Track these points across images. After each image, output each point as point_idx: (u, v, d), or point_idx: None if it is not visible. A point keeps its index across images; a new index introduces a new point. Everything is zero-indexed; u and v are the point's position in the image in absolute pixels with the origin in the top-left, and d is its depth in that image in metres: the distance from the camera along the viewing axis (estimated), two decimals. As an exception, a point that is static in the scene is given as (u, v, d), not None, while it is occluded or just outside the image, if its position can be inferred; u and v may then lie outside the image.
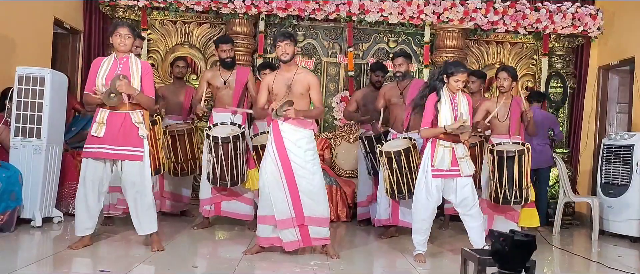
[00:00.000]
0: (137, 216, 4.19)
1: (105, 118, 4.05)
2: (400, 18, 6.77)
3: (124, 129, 4.06)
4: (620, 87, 7.25)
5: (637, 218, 5.77)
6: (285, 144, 4.22)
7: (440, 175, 4.30)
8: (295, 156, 4.22)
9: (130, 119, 4.08)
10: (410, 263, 4.33)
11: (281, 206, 4.22)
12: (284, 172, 4.21)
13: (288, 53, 4.23)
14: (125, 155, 4.08)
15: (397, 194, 4.94)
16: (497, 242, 1.68)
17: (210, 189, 5.19)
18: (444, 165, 4.28)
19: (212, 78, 5.28)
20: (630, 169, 5.93)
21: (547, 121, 6.44)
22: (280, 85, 4.27)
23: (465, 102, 4.37)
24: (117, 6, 6.75)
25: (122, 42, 4.06)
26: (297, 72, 4.31)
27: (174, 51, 7.03)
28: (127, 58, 4.13)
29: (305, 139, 4.26)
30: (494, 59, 7.21)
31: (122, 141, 4.05)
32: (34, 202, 4.78)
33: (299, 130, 4.24)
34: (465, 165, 4.30)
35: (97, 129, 4.04)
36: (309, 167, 4.25)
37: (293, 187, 4.21)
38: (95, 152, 4.06)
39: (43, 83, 4.77)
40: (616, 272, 4.38)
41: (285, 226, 4.23)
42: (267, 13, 6.75)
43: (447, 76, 4.30)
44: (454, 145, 4.30)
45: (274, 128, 4.26)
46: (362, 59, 7.13)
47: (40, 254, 4.09)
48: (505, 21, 6.83)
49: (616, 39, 6.96)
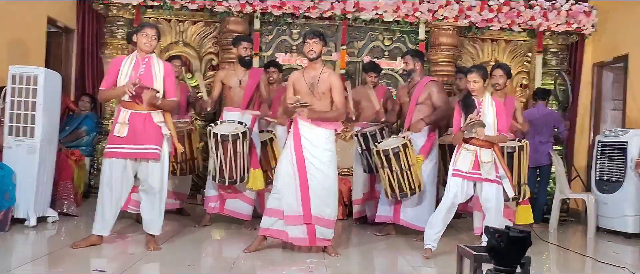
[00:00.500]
0: (149, 215, 4.22)
1: (127, 118, 4.06)
2: (395, 16, 6.77)
3: (146, 129, 4.08)
4: (614, 84, 7.28)
5: (632, 214, 5.80)
6: (302, 142, 4.25)
7: (459, 175, 4.34)
8: (310, 155, 4.24)
9: (151, 119, 4.10)
10: (407, 261, 4.33)
11: (291, 202, 4.25)
12: (298, 170, 4.23)
13: (315, 51, 4.26)
14: (146, 153, 4.08)
15: (399, 192, 4.90)
16: (492, 238, 1.69)
17: (216, 187, 5.19)
18: (464, 167, 4.33)
19: (225, 77, 5.27)
20: (624, 166, 5.96)
21: (552, 118, 6.48)
22: (304, 83, 4.31)
23: (490, 105, 4.38)
24: (111, 4, 6.71)
25: (149, 42, 4.08)
26: (322, 72, 4.33)
27: (169, 50, 7.01)
28: (149, 58, 4.14)
29: (323, 138, 4.27)
30: (489, 56, 7.22)
31: (145, 139, 4.07)
32: (28, 202, 4.75)
33: (315, 129, 4.25)
34: (488, 169, 4.31)
35: (120, 130, 4.05)
36: (324, 169, 4.26)
37: (304, 185, 4.23)
38: (118, 152, 4.08)
39: (36, 82, 4.73)
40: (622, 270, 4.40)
41: (293, 223, 4.26)
42: (262, 11, 6.73)
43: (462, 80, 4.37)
44: (479, 149, 4.32)
45: (294, 125, 4.31)
46: (357, 57, 7.12)
47: (35, 254, 4.07)
48: (500, 19, 6.84)
49: (610, 36, 6.98)
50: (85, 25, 6.98)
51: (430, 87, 5.14)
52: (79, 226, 5.04)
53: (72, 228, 4.95)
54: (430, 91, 5.11)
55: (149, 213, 4.22)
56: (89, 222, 5.02)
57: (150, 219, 4.22)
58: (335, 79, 4.36)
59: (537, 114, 6.41)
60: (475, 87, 4.34)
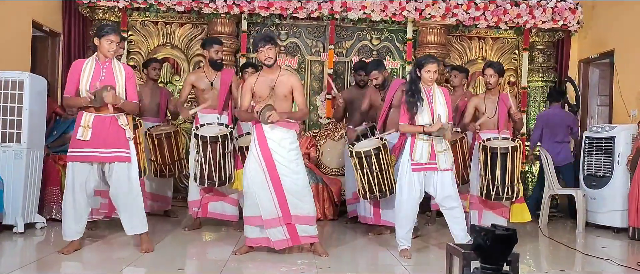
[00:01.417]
0: (128, 217, 4.19)
1: (90, 122, 4.04)
2: (383, 15, 6.79)
3: (111, 132, 4.06)
4: (600, 79, 7.35)
5: (620, 209, 5.85)
6: (269, 144, 4.22)
7: (420, 168, 4.35)
8: (278, 156, 4.22)
9: (116, 122, 4.08)
10: (397, 259, 4.34)
11: (267, 206, 4.22)
12: (269, 172, 4.21)
13: (271, 57, 4.21)
14: (114, 157, 4.08)
15: (369, 194, 4.93)
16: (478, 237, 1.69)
17: (199, 190, 5.17)
18: (423, 158, 4.33)
19: (196, 81, 5.24)
20: (612, 161, 6.01)
21: (567, 119, 6.55)
22: (263, 87, 4.26)
23: (441, 97, 4.39)
24: (97, 7, 6.67)
25: (111, 48, 4.05)
26: (280, 74, 4.29)
27: (156, 52, 6.97)
28: (109, 62, 4.11)
29: (289, 139, 4.26)
30: (477, 54, 7.26)
31: (110, 143, 4.05)
32: (16, 208, 4.71)
33: (281, 130, 4.24)
34: (443, 158, 4.33)
35: (83, 133, 4.02)
36: (293, 167, 4.25)
37: (278, 186, 4.21)
38: (83, 156, 4.05)
39: (22, 87, 4.70)
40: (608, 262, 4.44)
41: (272, 225, 4.23)
42: (250, 12, 6.72)
43: (419, 70, 4.36)
44: (434, 139, 4.33)
45: (257, 128, 4.26)
46: (345, 56, 7.13)
47: (23, 261, 4.03)
48: (487, 17, 6.87)
49: (596, 33, 7.04)
50: (71, 28, 6.93)
51: (402, 88, 5.15)
52: (68, 231, 4.99)
53: (60, 233, 4.84)
54: (402, 91, 5.13)
55: (128, 214, 4.19)
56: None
57: (131, 220, 4.20)
58: (295, 79, 4.35)
59: (553, 116, 6.54)
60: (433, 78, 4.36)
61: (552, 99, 6.67)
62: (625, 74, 6.45)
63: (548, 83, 7.08)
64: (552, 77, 7.12)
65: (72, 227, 4.12)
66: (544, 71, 7.07)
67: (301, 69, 7.11)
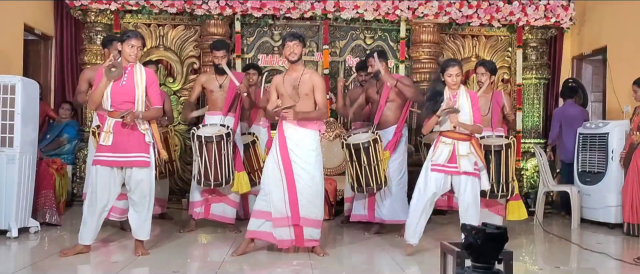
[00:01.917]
0: (138, 220, 4.22)
1: (111, 127, 4.10)
2: (376, 14, 6.78)
3: (131, 137, 4.11)
4: (593, 76, 7.37)
5: (615, 205, 5.86)
6: (288, 144, 4.27)
7: (438, 169, 4.35)
8: (296, 157, 4.26)
9: (136, 127, 4.13)
10: (393, 259, 4.34)
11: (278, 205, 4.25)
12: (285, 172, 4.25)
13: (296, 53, 4.28)
14: (133, 162, 4.12)
15: (357, 187, 4.98)
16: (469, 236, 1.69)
17: (201, 192, 5.17)
18: (441, 160, 4.33)
19: (206, 82, 5.27)
20: (606, 157, 6.02)
21: (581, 116, 6.57)
22: (287, 85, 4.33)
23: (466, 100, 4.37)
24: (89, 10, 6.64)
25: (133, 53, 4.09)
26: (303, 73, 4.35)
27: (149, 54, 6.94)
28: (131, 67, 4.15)
29: (309, 139, 4.30)
30: (470, 52, 7.26)
31: (131, 148, 4.11)
32: (9, 213, 4.68)
33: (301, 130, 4.28)
34: (466, 161, 4.32)
35: (105, 138, 4.09)
36: (309, 169, 4.28)
37: (292, 187, 4.24)
38: (105, 161, 4.10)
39: (14, 91, 4.68)
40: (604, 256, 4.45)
41: (280, 224, 4.26)
42: (242, 13, 6.71)
43: (443, 74, 4.38)
44: (457, 142, 4.33)
45: (279, 128, 4.33)
46: (339, 56, 7.12)
47: (17, 265, 4.02)
48: (480, 15, 6.88)
49: (588, 29, 7.06)
50: (64, 32, 6.91)
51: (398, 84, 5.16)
52: (62, 235, 4.98)
53: (55, 237, 4.89)
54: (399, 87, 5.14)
55: (137, 220, 4.22)
56: (73, 231, 5.00)
57: (139, 225, 4.22)
58: (317, 79, 4.40)
59: (569, 111, 6.61)
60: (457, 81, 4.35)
61: (565, 96, 6.78)
62: (618, 71, 6.47)
63: (542, 80, 7.10)
64: (546, 74, 7.13)
65: (90, 231, 4.17)
66: (538, 68, 7.08)
67: (295, 69, 7.09)
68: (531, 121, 7.12)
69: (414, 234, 4.44)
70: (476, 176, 4.37)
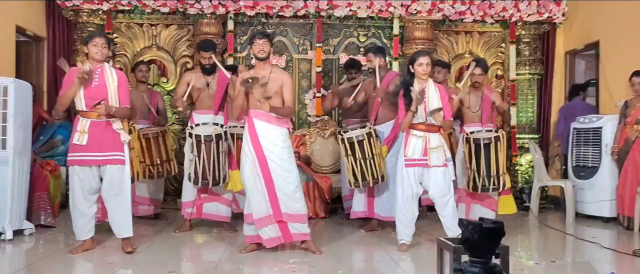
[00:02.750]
0: (117, 220, 4.30)
1: (86, 127, 4.18)
2: (369, 12, 6.79)
3: (106, 136, 4.20)
4: (586, 71, 7.39)
5: (609, 199, 5.89)
6: (261, 142, 4.24)
7: (412, 164, 4.39)
8: (271, 154, 4.24)
9: (111, 126, 4.21)
10: (389, 255, 4.35)
11: (258, 204, 4.24)
12: (261, 170, 4.23)
13: (265, 51, 4.28)
14: (109, 160, 4.21)
15: (361, 181, 4.99)
16: (466, 230, 1.70)
17: (193, 191, 5.16)
18: (415, 154, 4.37)
19: (193, 80, 5.24)
20: (600, 151, 6.05)
21: (586, 111, 6.64)
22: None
23: (435, 93, 4.42)
24: (81, 11, 6.62)
25: (99, 51, 4.18)
26: (272, 71, 4.34)
27: (142, 54, 6.93)
28: (102, 68, 4.24)
29: (281, 137, 4.29)
30: (464, 48, 7.28)
31: (106, 147, 4.19)
32: (4, 215, 4.66)
33: (274, 128, 4.26)
34: (435, 156, 4.36)
35: (80, 138, 4.16)
36: (285, 165, 4.27)
37: (270, 184, 4.23)
38: (81, 160, 4.19)
39: (6, 93, 4.65)
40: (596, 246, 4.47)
41: (263, 224, 4.25)
42: (235, 12, 6.69)
43: (412, 66, 4.41)
44: (428, 135, 4.37)
45: (250, 126, 4.27)
46: (333, 54, 7.12)
47: (12, 268, 3.99)
48: (473, 11, 6.89)
49: (581, 24, 7.08)
50: (56, 33, 6.86)
51: (395, 81, 5.17)
52: (57, 237, 4.96)
53: (50, 239, 4.87)
54: (395, 84, 5.15)
55: (117, 217, 4.30)
56: (68, 232, 4.99)
57: (119, 223, 4.30)
58: (286, 76, 4.38)
59: (575, 107, 6.71)
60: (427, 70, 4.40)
61: (573, 94, 6.93)
62: (611, 65, 6.50)
63: (535, 76, 7.13)
64: (539, 70, 7.16)
65: (82, 227, 4.27)
66: (531, 63, 7.11)
67: (289, 67, 7.09)
68: (525, 116, 7.15)
69: (405, 232, 4.46)
70: (446, 167, 4.42)
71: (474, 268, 1.69)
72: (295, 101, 7.09)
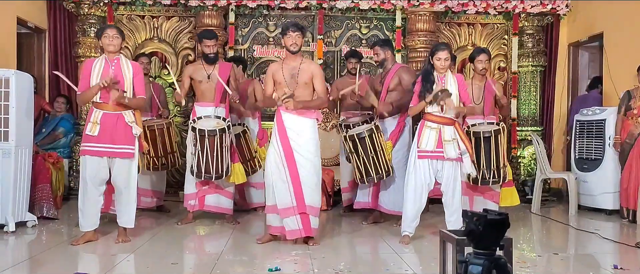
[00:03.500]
0: (122, 210, 4.41)
1: (99, 118, 4.23)
2: (371, 3, 6.76)
3: (118, 128, 4.25)
4: (590, 63, 7.36)
5: (612, 191, 5.88)
6: (288, 134, 4.28)
7: (425, 156, 4.38)
8: (297, 145, 4.27)
9: (123, 119, 4.27)
10: (392, 248, 4.34)
11: (283, 195, 4.27)
12: (287, 161, 4.26)
13: (297, 44, 4.31)
14: (119, 153, 4.27)
15: (366, 177, 4.99)
16: (470, 222, 1.69)
17: (195, 184, 5.16)
18: (429, 146, 4.35)
19: (194, 72, 5.23)
20: (603, 144, 6.03)
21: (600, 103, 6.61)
22: (285, 74, 4.33)
23: (454, 83, 4.43)
24: (82, 2, 6.60)
25: (111, 42, 4.23)
26: (302, 62, 4.37)
27: (144, 47, 6.91)
28: (118, 60, 4.30)
29: (308, 128, 4.32)
30: (466, 41, 7.24)
31: (117, 139, 4.25)
32: (6, 207, 4.66)
33: (300, 119, 4.29)
34: (450, 147, 4.34)
35: (92, 129, 4.22)
36: (312, 158, 4.31)
37: (295, 176, 4.26)
38: (92, 151, 4.24)
39: (8, 85, 4.64)
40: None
41: (287, 215, 4.28)
42: (237, 4, 6.67)
43: (431, 58, 4.42)
44: (443, 127, 4.36)
45: (278, 118, 4.33)
46: (335, 46, 7.10)
47: (15, 259, 3.99)
48: (475, 2, 6.86)
49: (584, 16, 7.04)
50: (57, 25, 6.85)
51: (400, 73, 5.17)
52: (60, 228, 4.97)
53: (52, 231, 4.88)
54: (400, 76, 5.15)
55: (123, 207, 4.40)
56: (71, 224, 5.00)
57: (121, 213, 4.41)
58: (316, 68, 4.43)
59: (590, 99, 6.73)
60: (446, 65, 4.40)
61: (590, 87, 6.95)
62: (615, 57, 6.46)
63: (538, 68, 7.09)
64: (542, 62, 7.12)
65: (89, 218, 4.31)
66: (534, 55, 7.07)
67: (291, 59, 7.07)
68: (528, 108, 7.12)
69: (410, 224, 4.46)
70: (459, 161, 4.41)
71: (478, 260, 1.68)
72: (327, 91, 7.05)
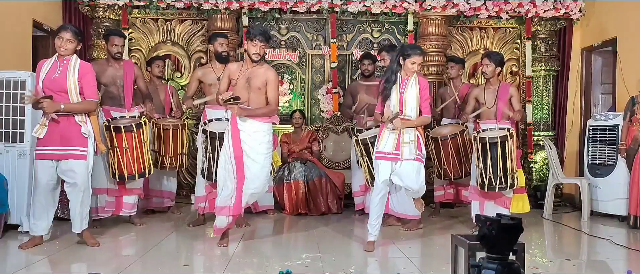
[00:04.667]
0: (78, 214, 4.27)
1: (46, 120, 4.11)
2: (383, 7, 6.76)
3: (65, 129, 4.12)
4: (603, 68, 7.30)
5: (625, 197, 5.82)
6: (241, 137, 4.28)
7: (382, 157, 4.32)
8: (249, 148, 4.28)
9: (73, 119, 4.14)
10: (402, 252, 4.34)
11: (225, 195, 4.29)
12: (236, 163, 4.26)
13: (259, 55, 4.28)
14: (68, 155, 4.14)
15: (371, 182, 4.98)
16: (484, 226, 1.69)
17: (205, 186, 5.19)
18: (387, 148, 4.30)
19: (203, 75, 5.27)
20: (616, 149, 5.98)
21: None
22: (241, 76, 4.31)
23: (414, 87, 4.31)
24: (97, 6, 6.67)
25: (62, 45, 4.15)
26: (259, 67, 4.34)
27: (157, 49, 6.97)
28: (67, 60, 4.20)
29: (262, 132, 4.32)
30: (478, 45, 7.22)
31: (65, 141, 4.12)
32: (21, 207, 4.72)
33: (253, 122, 4.30)
34: (407, 150, 4.26)
35: (38, 131, 4.11)
36: (261, 160, 4.32)
37: (240, 178, 4.27)
38: (43, 154, 4.14)
39: (24, 86, 4.71)
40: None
41: (222, 213, 4.31)
42: (249, 7, 6.70)
43: (403, 58, 4.26)
44: (402, 130, 4.28)
45: (232, 119, 4.31)
46: (346, 50, 7.11)
47: (29, 260, 4.03)
48: (488, 7, 6.84)
49: (598, 20, 7.00)
50: (72, 27, 6.90)
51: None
52: (73, 229, 5.01)
53: (66, 231, 4.89)
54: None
55: (76, 213, 4.27)
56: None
57: (74, 217, 4.29)
58: (271, 74, 4.35)
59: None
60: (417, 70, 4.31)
61: None
62: (628, 62, 6.41)
63: (551, 72, 7.06)
64: (555, 66, 7.09)
65: (38, 223, 4.24)
66: (547, 60, 7.04)
67: (302, 63, 7.10)
68: (540, 113, 7.08)
69: (375, 229, 4.41)
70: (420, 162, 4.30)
71: (491, 265, 1.68)
72: (309, 97, 7.10)
